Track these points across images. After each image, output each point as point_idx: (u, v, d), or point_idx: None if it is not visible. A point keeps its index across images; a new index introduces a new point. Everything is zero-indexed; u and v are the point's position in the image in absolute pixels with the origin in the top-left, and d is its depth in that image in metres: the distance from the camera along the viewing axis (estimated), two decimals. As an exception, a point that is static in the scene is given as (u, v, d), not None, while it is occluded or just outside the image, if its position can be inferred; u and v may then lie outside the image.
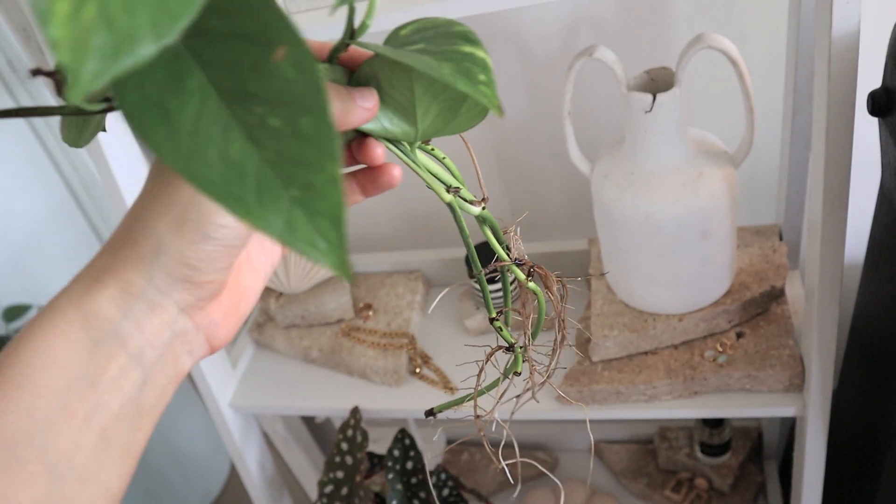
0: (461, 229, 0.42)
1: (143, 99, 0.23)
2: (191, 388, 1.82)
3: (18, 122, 1.73)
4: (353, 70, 0.35)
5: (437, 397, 0.98)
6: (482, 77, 0.30)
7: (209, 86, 0.23)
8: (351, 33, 0.33)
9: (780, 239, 0.95)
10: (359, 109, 0.32)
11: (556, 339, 0.45)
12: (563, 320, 0.44)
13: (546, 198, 1.09)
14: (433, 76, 0.29)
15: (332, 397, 1.02)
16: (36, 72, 0.25)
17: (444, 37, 0.32)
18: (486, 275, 0.43)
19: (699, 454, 1.22)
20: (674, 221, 0.76)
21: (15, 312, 1.65)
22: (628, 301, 0.89)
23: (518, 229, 0.44)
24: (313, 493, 1.27)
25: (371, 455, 1.07)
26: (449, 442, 1.48)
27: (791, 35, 0.80)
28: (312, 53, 0.23)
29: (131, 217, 0.31)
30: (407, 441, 0.98)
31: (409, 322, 1.05)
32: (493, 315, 0.45)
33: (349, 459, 0.96)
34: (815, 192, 0.70)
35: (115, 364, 0.30)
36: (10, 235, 1.71)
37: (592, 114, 0.97)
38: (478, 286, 0.99)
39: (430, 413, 0.50)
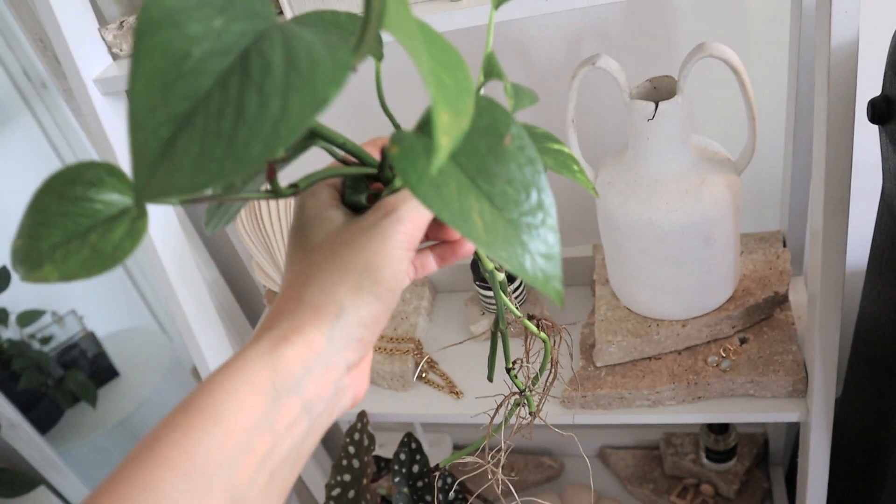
0: (498, 297, 0.48)
1: (426, 182, 0.31)
2: (200, 392, 1.84)
3: (32, 128, 1.76)
4: None
5: (442, 401, 0.99)
6: (576, 167, 0.40)
7: (458, 168, 0.32)
8: None
9: (784, 245, 0.96)
10: None
11: (547, 377, 0.53)
12: (555, 362, 0.53)
13: (552, 204, 1.10)
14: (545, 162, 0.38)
15: (339, 401, 1.03)
16: (269, 169, 0.33)
17: (537, 137, 0.41)
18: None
19: (705, 460, 1.22)
20: (677, 228, 0.77)
21: (29, 318, 1.67)
22: (632, 307, 0.90)
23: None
24: (321, 496, 1.28)
25: (378, 459, 1.08)
26: (455, 447, 1.49)
27: (793, 44, 0.81)
28: (528, 137, 0.32)
29: (301, 286, 0.37)
30: (413, 445, 0.99)
31: (416, 327, 1.06)
32: (510, 365, 0.52)
33: (356, 463, 0.97)
34: (817, 199, 0.70)
35: (292, 413, 0.34)
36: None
37: (596, 121, 0.98)
38: (484, 293, 1.01)
39: (436, 468, 0.57)
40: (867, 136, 0.80)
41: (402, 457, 0.98)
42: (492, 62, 0.40)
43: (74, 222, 0.33)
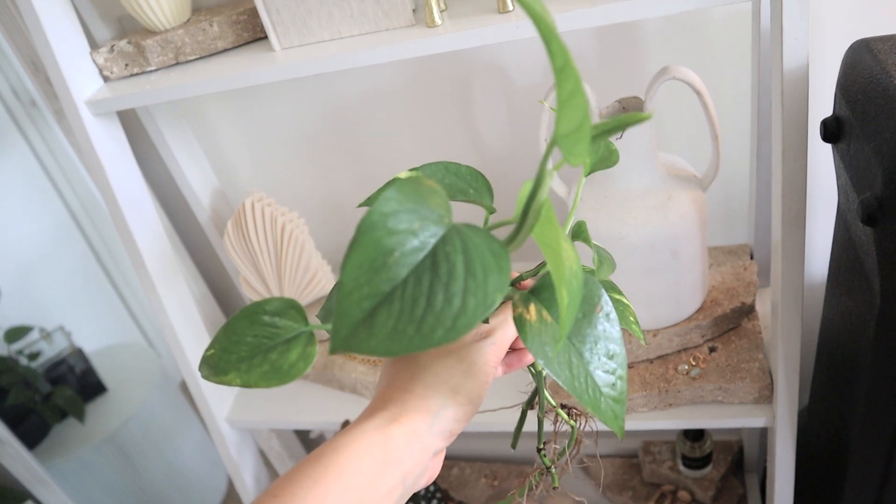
0: (540, 387, 0.55)
1: (555, 358, 0.40)
2: (189, 407, 1.85)
3: (20, 146, 1.78)
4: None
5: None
6: (632, 318, 0.49)
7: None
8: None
9: (751, 258, 1.00)
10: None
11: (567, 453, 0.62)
12: (579, 441, 0.63)
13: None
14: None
15: (324, 412, 1.06)
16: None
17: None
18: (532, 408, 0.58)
19: (682, 467, 1.25)
20: (646, 242, 0.81)
21: (16, 334, 1.68)
22: (606, 317, 0.94)
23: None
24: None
25: (362, 468, 1.11)
26: (446, 457, 1.51)
27: (753, 66, 0.85)
28: (614, 309, 0.41)
29: (408, 379, 0.44)
30: (397, 454, 1.02)
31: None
32: (541, 445, 0.60)
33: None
34: (776, 212, 0.74)
35: (394, 480, 0.41)
36: (11, 258, 1.75)
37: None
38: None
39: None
40: (824, 155, 0.84)
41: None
42: (581, 228, 0.48)
43: (259, 342, 0.43)
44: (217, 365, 0.43)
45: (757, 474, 1.32)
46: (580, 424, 0.60)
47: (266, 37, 0.86)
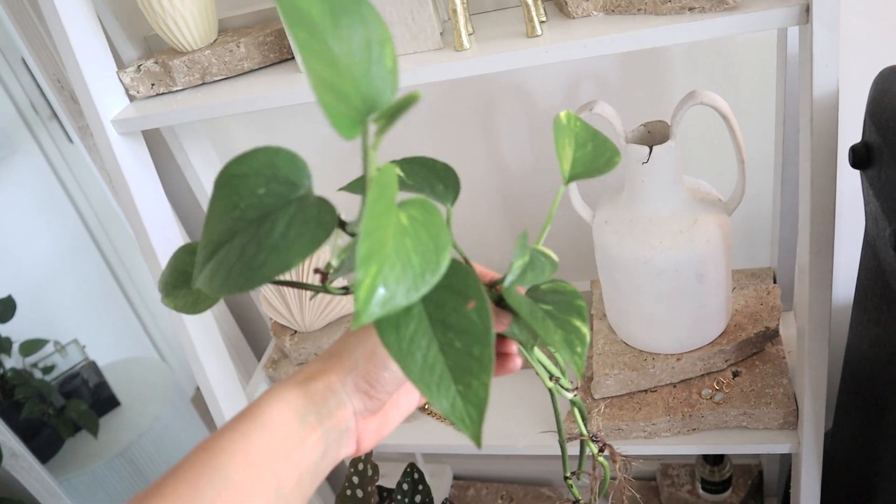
0: (556, 412, 0.57)
1: (388, 316, 0.37)
2: (200, 422, 1.85)
3: (38, 160, 1.79)
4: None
5: (445, 432, 1.01)
6: (579, 349, 0.44)
7: (424, 314, 0.38)
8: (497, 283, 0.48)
9: (774, 281, 0.99)
10: (499, 324, 0.48)
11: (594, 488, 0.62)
12: (623, 483, 0.63)
13: (550, 241, 1.14)
14: (547, 339, 0.44)
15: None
16: (316, 270, 0.41)
17: (566, 305, 0.46)
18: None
19: (701, 491, 1.24)
20: (671, 266, 0.81)
21: (31, 347, 1.69)
22: (628, 341, 0.93)
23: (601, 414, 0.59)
24: (322, 527, 1.29)
25: (381, 489, 1.10)
26: (456, 477, 1.51)
27: (779, 91, 0.85)
28: (490, 308, 0.37)
29: (338, 345, 0.46)
30: (416, 475, 1.01)
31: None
32: (567, 475, 0.60)
33: (360, 493, 0.99)
34: (803, 238, 0.74)
35: (315, 433, 0.43)
36: (28, 271, 1.76)
37: (594, 161, 1.02)
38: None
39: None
40: (853, 180, 0.84)
41: (405, 487, 1.00)
42: (524, 237, 0.47)
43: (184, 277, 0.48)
44: (163, 290, 0.47)
45: (777, 498, 1.30)
46: (618, 463, 0.61)
47: (293, 58, 0.87)
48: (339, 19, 0.34)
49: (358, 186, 0.51)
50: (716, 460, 1.19)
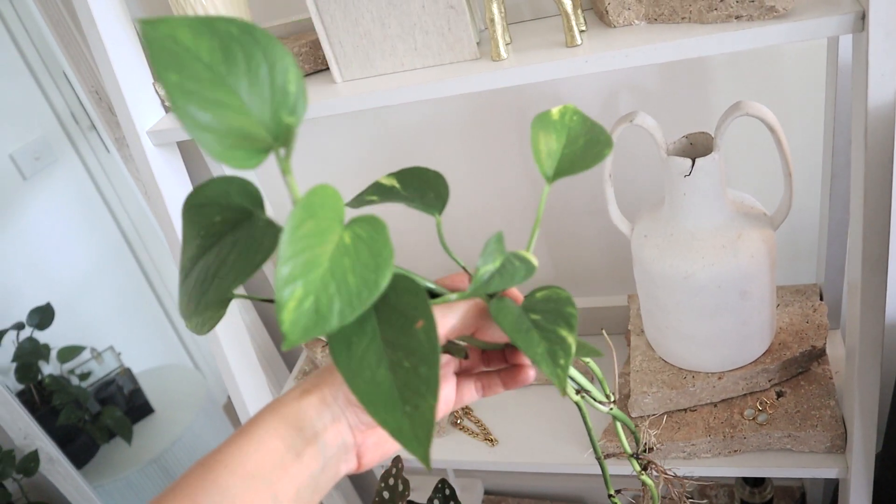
0: (587, 427, 0.54)
1: (340, 332, 0.37)
2: (232, 430, 1.86)
3: (78, 169, 1.82)
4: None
5: (477, 448, 1.00)
6: (562, 361, 0.42)
7: (378, 332, 0.38)
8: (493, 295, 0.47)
9: (821, 299, 0.96)
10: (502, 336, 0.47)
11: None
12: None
13: (587, 255, 1.12)
14: (528, 353, 0.42)
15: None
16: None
17: (555, 314, 0.44)
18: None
19: (740, 513, 1.20)
20: (713, 282, 0.78)
21: (68, 353, 1.71)
22: (667, 358, 0.91)
23: (649, 430, 0.57)
24: (351, 541, 1.28)
25: (411, 504, 1.09)
26: (487, 492, 1.48)
27: (828, 101, 0.82)
28: (437, 327, 0.36)
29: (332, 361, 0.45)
30: (447, 491, 0.99)
31: (451, 373, 1.07)
32: (611, 492, 0.58)
33: (390, 508, 0.97)
34: (855, 256, 0.71)
35: (311, 448, 0.43)
36: (65, 278, 1.78)
37: (632, 176, 1.00)
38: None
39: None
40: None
41: (436, 503, 0.98)
42: (499, 240, 0.46)
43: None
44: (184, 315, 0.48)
45: (820, 522, 1.26)
46: (665, 484, 0.58)
47: (328, 68, 0.86)
48: (232, 55, 0.33)
49: (358, 202, 0.52)
50: (756, 482, 1.15)
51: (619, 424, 0.57)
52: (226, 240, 0.39)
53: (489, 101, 0.99)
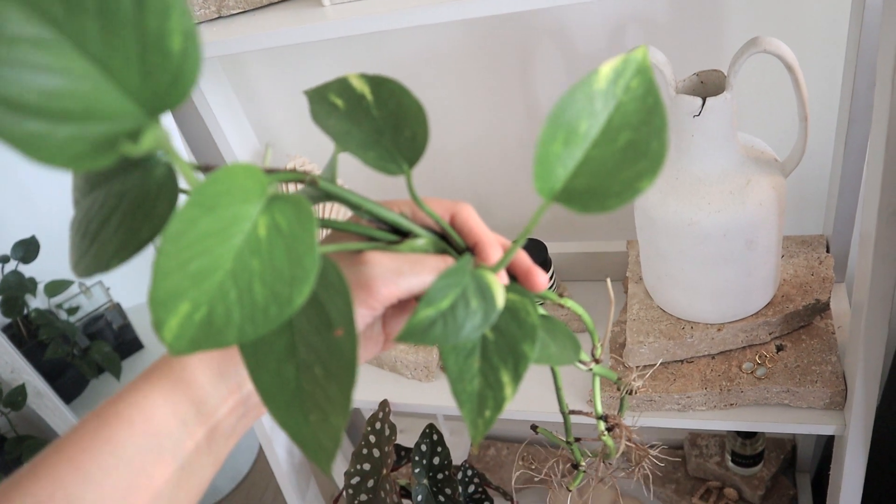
0: (556, 382, 0.51)
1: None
2: (222, 368, 1.85)
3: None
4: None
5: (466, 395, 0.97)
6: (487, 414, 0.36)
7: (290, 327, 0.32)
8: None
9: (827, 251, 0.92)
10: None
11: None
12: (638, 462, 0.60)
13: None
14: (455, 385, 0.36)
15: (362, 389, 1.02)
16: None
17: (510, 346, 0.36)
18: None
19: (730, 463, 1.19)
20: (719, 230, 0.74)
21: (56, 287, 1.68)
22: (666, 307, 0.87)
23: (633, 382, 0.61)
24: (340, 483, 1.28)
25: (398, 448, 1.07)
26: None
27: (851, 40, 0.77)
28: (357, 339, 0.31)
29: None
30: (435, 436, 0.98)
31: (442, 317, 1.04)
32: (570, 439, 0.58)
33: (376, 452, 0.96)
34: (870, 205, 0.67)
35: (205, 427, 0.37)
36: (53, 212, 1.74)
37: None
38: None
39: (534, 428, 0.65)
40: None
41: (424, 448, 0.97)
42: (461, 269, 0.37)
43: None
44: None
45: (809, 474, 1.25)
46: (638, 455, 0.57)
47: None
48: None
49: (319, 98, 0.40)
50: (748, 434, 1.14)
51: (597, 382, 0.54)
52: (113, 185, 0.31)
53: (485, 31, 0.93)
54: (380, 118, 0.38)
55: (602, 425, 0.57)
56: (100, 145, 0.24)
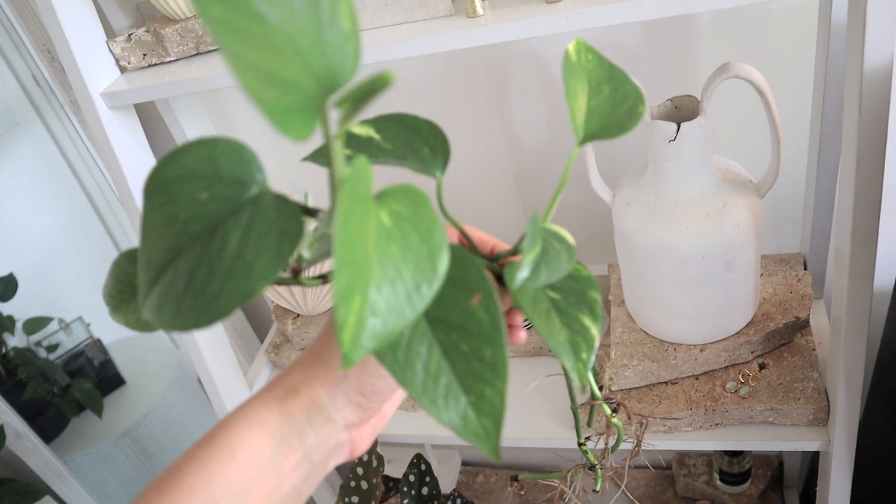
0: (568, 383, 0.51)
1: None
2: (206, 401, 1.82)
3: (41, 134, 1.75)
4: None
5: (453, 423, 0.97)
6: (584, 356, 0.38)
7: (424, 321, 0.32)
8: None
9: (805, 268, 0.93)
10: (504, 304, 0.41)
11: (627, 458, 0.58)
12: (639, 444, 0.59)
13: (565, 222, 1.08)
14: (549, 340, 0.37)
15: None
16: (293, 269, 0.33)
17: (577, 297, 0.39)
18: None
19: (719, 482, 1.19)
20: (697, 252, 0.75)
21: (34, 325, 1.66)
22: (648, 330, 0.88)
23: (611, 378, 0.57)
24: (327, 514, 1.26)
25: (386, 479, 1.06)
26: (464, 463, 1.47)
27: (819, 63, 0.79)
28: (499, 301, 0.31)
29: (323, 346, 0.39)
30: (423, 466, 0.97)
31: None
32: (581, 440, 0.55)
33: (364, 484, 0.95)
34: (844, 225, 0.68)
35: (294, 456, 0.37)
36: (31, 248, 1.72)
37: (614, 141, 0.96)
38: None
39: (514, 479, 0.65)
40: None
41: (412, 478, 0.96)
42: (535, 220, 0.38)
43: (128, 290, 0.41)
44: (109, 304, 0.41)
45: (797, 490, 1.26)
46: (639, 426, 0.56)
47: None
48: None
49: (322, 157, 0.43)
50: (735, 452, 1.15)
51: (589, 373, 0.54)
52: (227, 226, 0.30)
53: (464, 61, 0.94)
54: (394, 149, 0.41)
55: (607, 408, 0.54)
56: (305, 115, 0.27)
